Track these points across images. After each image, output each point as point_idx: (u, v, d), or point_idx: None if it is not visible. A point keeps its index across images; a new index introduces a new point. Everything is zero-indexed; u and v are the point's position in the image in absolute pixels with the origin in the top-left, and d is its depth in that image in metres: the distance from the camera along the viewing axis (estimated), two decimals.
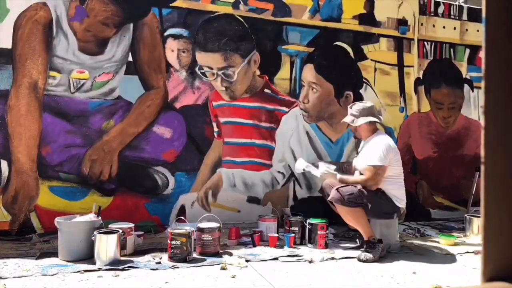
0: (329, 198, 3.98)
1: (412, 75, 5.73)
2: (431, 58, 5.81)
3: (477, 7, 6.07)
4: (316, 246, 4.04)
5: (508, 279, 0.68)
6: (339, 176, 4.03)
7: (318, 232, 4.04)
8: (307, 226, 4.12)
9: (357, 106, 4.12)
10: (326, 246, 4.06)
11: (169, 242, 3.51)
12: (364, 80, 5.45)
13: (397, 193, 3.98)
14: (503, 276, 0.68)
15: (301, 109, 5.18)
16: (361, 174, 4.00)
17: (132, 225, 3.82)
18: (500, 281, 0.68)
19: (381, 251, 3.79)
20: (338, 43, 5.39)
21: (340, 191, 3.84)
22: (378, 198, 3.90)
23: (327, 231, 4.09)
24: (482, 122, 0.69)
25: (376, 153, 3.86)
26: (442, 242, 4.36)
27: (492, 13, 0.68)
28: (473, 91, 6.05)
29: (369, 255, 3.71)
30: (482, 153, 0.68)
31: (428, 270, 3.50)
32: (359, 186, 3.85)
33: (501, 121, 0.68)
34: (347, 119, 4.12)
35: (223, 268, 3.36)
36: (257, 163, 5.01)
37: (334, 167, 4.22)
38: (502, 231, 0.69)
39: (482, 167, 0.69)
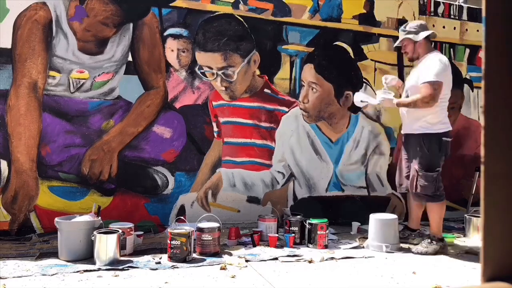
0: (416, 201, 4.15)
1: None
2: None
3: (477, 7, 6.07)
4: (316, 246, 4.04)
5: (508, 279, 0.68)
6: (395, 100, 4.02)
7: (318, 232, 4.04)
8: (307, 226, 4.12)
9: (413, 23, 4.11)
10: (326, 246, 4.06)
11: (169, 242, 3.51)
12: (364, 80, 5.45)
13: (444, 116, 3.96)
14: (503, 276, 0.68)
15: (301, 109, 5.18)
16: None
17: (131, 225, 3.82)
18: (500, 281, 0.68)
19: (437, 249, 3.92)
20: (338, 43, 5.39)
21: (417, 192, 3.97)
22: (433, 156, 3.93)
23: (327, 231, 4.09)
24: (482, 122, 0.68)
25: (433, 69, 3.79)
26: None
27: (492, 13, 0.68)
28: (473, 91, 6.05)
29: (424, 249, 3.90)
30: (482, 153, 0.68)
31: (428, 270, 3.50)
32: (420, 174, 3.91)
33: (501, 121, 0.68)
34: (405, 37, 4.04)
35: (222, 268, 3.36)
36: (257, 163, 5.01)
37: (392, 93, 4.16)
38: (502, 231, 0.69)
39: (482, 167, 0.68)
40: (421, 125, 3.95)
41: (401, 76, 5.64)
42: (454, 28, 5.96)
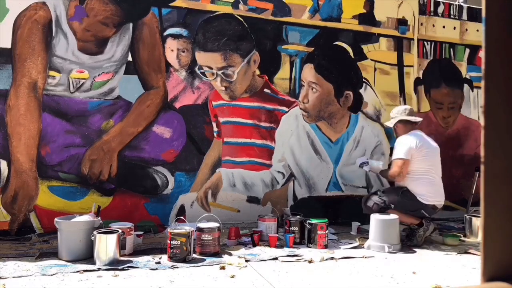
0: (366, 211, 4.46)
1: (412, 75, 5.73)
2: (431, 58, 5.80)
3: (477, 7, 6.07)
4: (316, 246, 4.04)
5: (507, 279, 0.68)
6: (381, 169, 4.64)
7: (318, 232, 4.04)
8: (307, 226, 4.12)
9: (395, 109, 4.61)
10: (326, 246, 4.06)
11: (169, 242, 3.51)
12: (364, 80, 5.45)
13: (421, 189, 4.22)
14: (503, 276, 0.68)
15: (300, 109, 5.18)
16: None
17: (131, 225, 3.82)
18: (500, 281, 0.68)
19: (421, 236, 4.23)
20: (338, 43, 5.39)
21: (367, 206, 4.41)
22: (400, 198, 4.25)
23: (326, 231, 4.09)
24: (482, 122, 0.68)
25: (398, 149, 4.28)
26: (447, 242, 4.35)
27: (492, 13, 0.68)
28: (473, 91, 6.05)
29: (409, 243, 4.21)
30: (482, 153, 0.68)
31: (428, 270, 3.50)
32: (381, 198, 4.35)
33: (501, 121, 0.68)
34: (389, 123, 4.58)
35: (222, 268, 3.36)
36: (256, 163, 5.01)
37: (381, 163, 4.77)
38: (502, 231, 0.69)
39: (482, 167, 0.68)
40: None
41: (401, 77, 5.65)
42: (454, 28, 5.96)
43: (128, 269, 3.29)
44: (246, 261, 3.57)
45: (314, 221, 4.09)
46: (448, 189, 5.81)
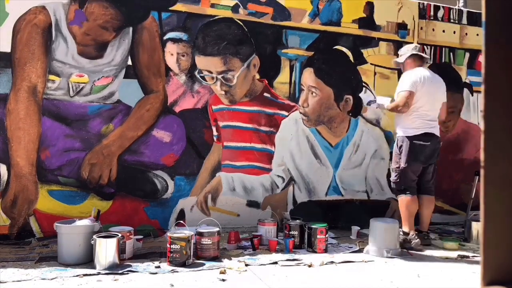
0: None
1: None
2: (431, 62, 5.81)
3: (477, 11, 6.08)
4: (315, 250, 4.03)
5: (507, 284, 0.68)
6: (389, 104, 4.54)
7: (318, 236, 4.04)
8: (307, 230, 4.11)
9: (404, 47, 4.74)
10: (326, 250, 4.05)
11: (169, 246, 3.50)
12: (363, 84, 5.45)
13: (408, 123, 4.36)
14: (502, 280, 0.68)
15: (300, 113, 5.18)
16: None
17: (131, 229, 3.81)
18: (499, 285, 0.68)
19: (409, 243, 4.24)
20: (337, 47, 5.39)
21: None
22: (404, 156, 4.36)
23: (326, 235, 4.09)
24: (481, 126, 0.68)
25: (404, 82, 4.37)
26: (446, 246, 4.34)
27: (492, 17, 0.68)
28: (472, 95, 6.05)
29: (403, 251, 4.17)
30: (482, 157, 0.68)
31: (428, 274, 3.49)
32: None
33: (501, 125, 0.68)
34: (399, 59, 4.66)
35: (222, 272, 3.35)
36: (256, 167, 5.00)
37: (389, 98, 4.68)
38: (502, 235, 0.69)
39: (482, 171, 0.68)
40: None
41: None
42: (454, 32, 5.97)
43: (127, 273, 3.28)
44: (246, 265, 3.56)
45: (313, 225, 4.09)
46: (448, 193, 5.85)
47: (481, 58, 0.70)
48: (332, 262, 3.74)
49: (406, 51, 4.59)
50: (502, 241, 0.69)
